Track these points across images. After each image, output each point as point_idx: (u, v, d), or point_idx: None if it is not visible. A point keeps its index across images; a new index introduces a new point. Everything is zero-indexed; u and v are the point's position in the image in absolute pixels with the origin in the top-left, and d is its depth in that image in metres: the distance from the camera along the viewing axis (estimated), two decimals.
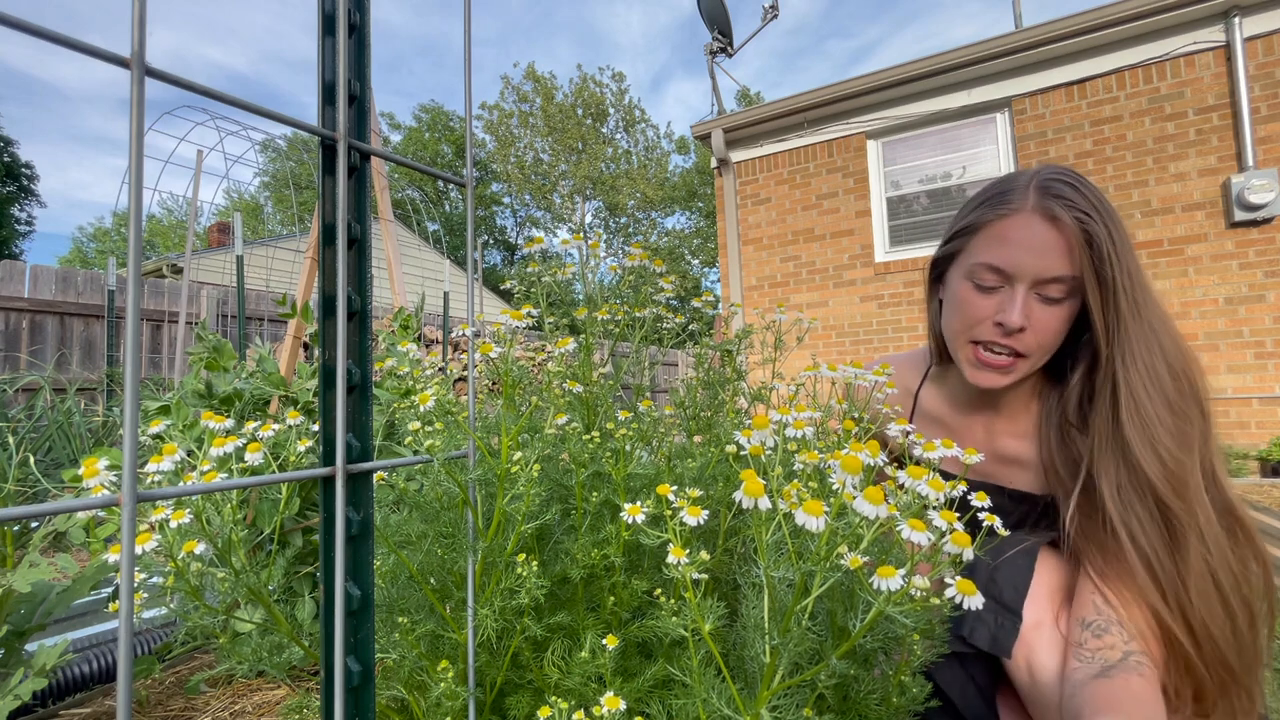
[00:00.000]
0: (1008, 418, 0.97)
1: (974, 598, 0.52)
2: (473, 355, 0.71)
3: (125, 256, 1.66)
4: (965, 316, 0.89)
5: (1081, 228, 0.79)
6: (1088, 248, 0.79)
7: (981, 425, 0.99)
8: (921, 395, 1.09)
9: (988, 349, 0.87)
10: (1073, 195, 0.81)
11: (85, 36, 0.33)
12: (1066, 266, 0.80)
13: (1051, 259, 0.81)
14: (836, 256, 5.34)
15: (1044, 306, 0.83)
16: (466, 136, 0.70)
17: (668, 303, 1.03)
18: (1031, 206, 0.83)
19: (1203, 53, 4.09)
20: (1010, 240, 0.84)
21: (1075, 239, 0.80)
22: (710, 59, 6.31)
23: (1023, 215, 0.83)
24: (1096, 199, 0.81)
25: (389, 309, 3.25)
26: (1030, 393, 0.95)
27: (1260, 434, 3.88)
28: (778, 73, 51.49)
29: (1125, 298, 0.78)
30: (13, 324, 4.88)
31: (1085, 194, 0.81)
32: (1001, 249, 0.84)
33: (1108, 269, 0.78)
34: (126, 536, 0.34)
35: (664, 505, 0.61)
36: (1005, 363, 0.86)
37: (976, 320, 0.87)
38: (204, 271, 10.02)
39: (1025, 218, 0.83)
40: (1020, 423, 0.95)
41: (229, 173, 5.07)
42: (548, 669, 0.76)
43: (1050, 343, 0.85)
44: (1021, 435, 0.95)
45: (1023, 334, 0.84)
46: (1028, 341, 0.84)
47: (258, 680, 1.39)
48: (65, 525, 1.45)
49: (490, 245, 30.86)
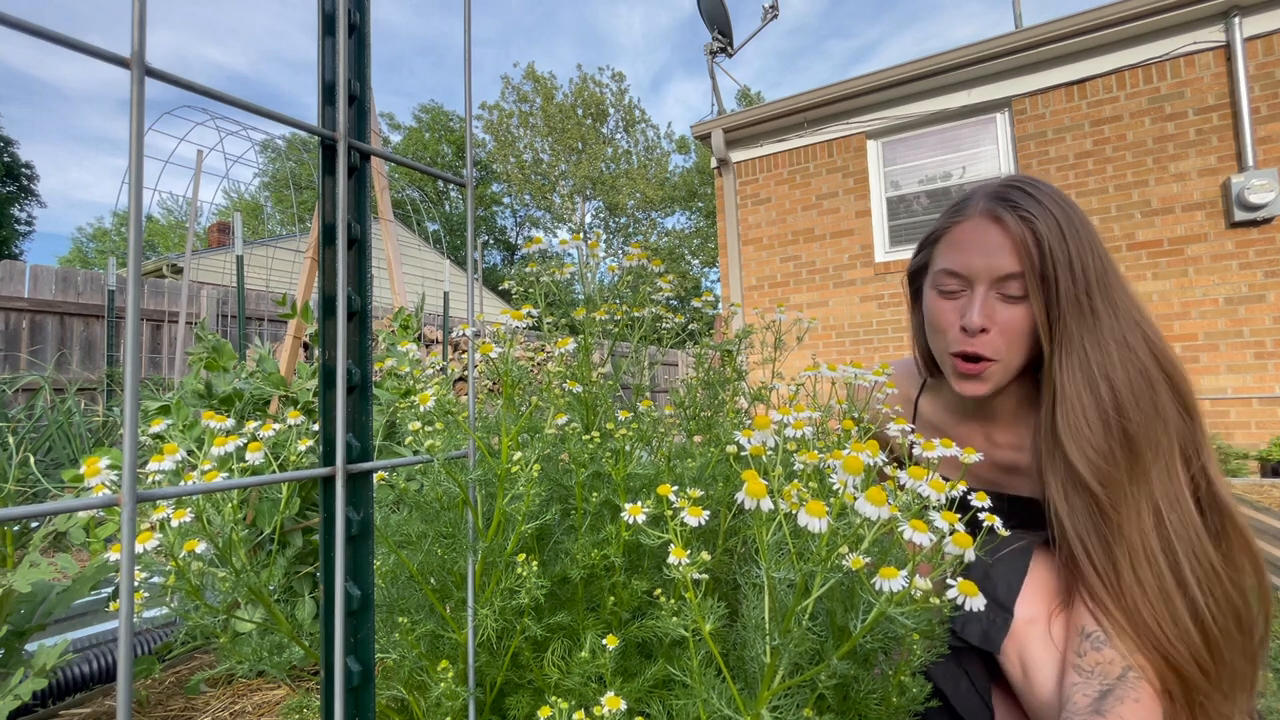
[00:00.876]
0: (1005, 427, 0.97)
1: (976, 599, 0.52)
2: (473, 355, 0.71)
3: (125, 256, 1.66)
4: (936, 326, 0.92)
5: (1025, 226, 0.82)
6: (1033, 246, 0.82)
7: (981, 434, 0.99)
8: (921, 405, 1.09)
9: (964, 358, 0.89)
10: (1019, 198, 0.85)
11: (85, 36, 0.33)
12: (1015, 263, 0.83)
13: (1000, 258, 0.84)
14: (836, 256, 5.34)
15: (1006, 306, 0.85)
16: (466, 136, 0.70)
17: (667, 302, 1.03)
18: (980, 211, 0.88)
19: (1203, 53, 4.09)
20: (962, 244, 0.88)
21: (1019, 237, 0.82)
22: (710, 59, 6.31)
23: (972, 220, 0.88)
24: (1052, 202, 0.84)
25: (389, 309, 3.25)
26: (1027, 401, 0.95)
27: (1260, 434, 3.88)
28: (778, 73, 51.54)
29: (1068, 297, 0.80)
30: (13, 324, 4.87)
31: (1036, 197, 0.84)
32: (956, 253, 0.89)
33: (1050, 267, 0.80)
34: (126, 536, 0.34)
35: (665, 505, 0.61)
36: (979, 369, 0.87)
37: (946, 328, 0.90)
38: (204, 271, 10.02)
39: (974, 221, 0.88)
40: (1018, 431, 0.96)
41: (229, 173, 5.07)
42: (548, 669, 0.76)
43: (1018, 343, 0.85)
44: (1019, 444, 0.95)
45: (987, 335, 0.85)
46: (994, 343, 0.85)
47: (258, 680, 1.39)
48: (65, 525, 1.45)
49: (490, 245, 30.87)
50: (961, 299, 0.89)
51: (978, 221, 0.87)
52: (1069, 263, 0.80)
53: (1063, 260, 0.80)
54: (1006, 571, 0.84)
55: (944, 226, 0.93)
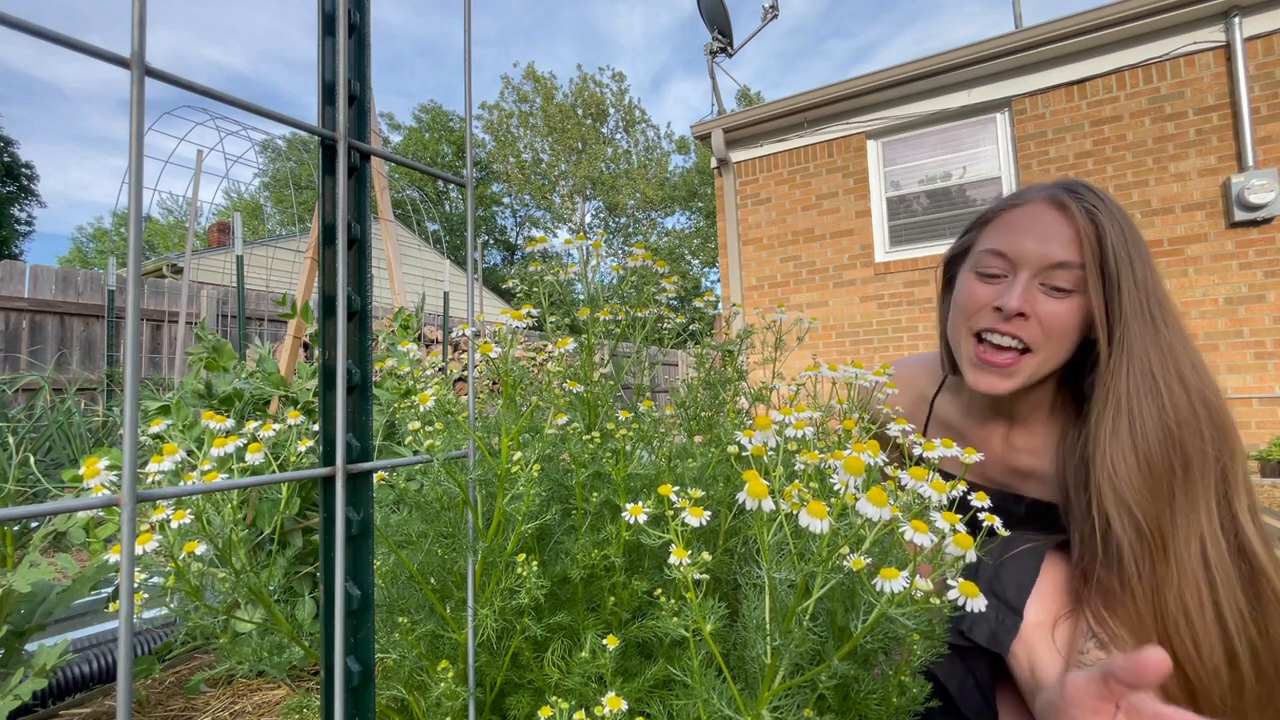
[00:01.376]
0: (1025, 430, 0.92)
1: (976, 600, 0.52)
2: (473, 355, 0.71)
3: (125, 256, 1.66)
4: (965, 306, 0.87)
5: (1090, 218, 0.78)
6: (1095, 240, 0.77)
7: (999, 437, 0.95)
8: (937, 404, 1.05)
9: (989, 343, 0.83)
10: (1085, 191, 0.81)
11: (86, 36, 0.33)
12: (1072, 253, 0.78)
13: (1055, 245, 0.79)
14: (836, 256, 5.34)
15: (1050, 299, 0.79)
16: (466, 136, 0.70)
17: (669, 303, 1.03)
18: (1042, 197, 0.83)
19: (1203, 53, 4.09)
20: (1016, 226, 0.83)
21: (1082, 228, 0.78)
22: (710, 59, 6.31)
23: (1032, 204, 0.84)
24: (1116, 207, 0.80)
25: (389, 309, 3.25)
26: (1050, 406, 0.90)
27: (1260, 434, 3.88)
28: (778, 73, 51.55)
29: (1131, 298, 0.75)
30: (13, 324, 4.87)
31: (1101, 195, 0.81)
32: (1007, 234, 0.84)
33: (1112, 263, 0.76)
34: (126, 537, 0.34)
35: (665, 506, 0.61)
36: (1007, 361, 0.81)
37: (975, 307, 0.85)
38: (204, 271, 10.01)
39: (1034, 206, 0.83)
40: (1039, 436, 0.91)
41: (229, 173, 5.07)
42: (548, 669, 0.76)
43: (1059, 338, 0.79)
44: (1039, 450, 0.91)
45: (1025, 321, 0.80)
46: (1032, 332, 0.79)
47: (258, 680, 1.39)
48: (65, 525, 1.45)
49: (490, 245, 30.86)
50: (1001, 284, 0.83)
51: (1037, 206, 0.82)
52: (1132, 264, 0.76)
53: (1125, 259, 0.76)
54: (1018, 572, 0.81)
55: (996, 209, 0.88)
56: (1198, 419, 0.73)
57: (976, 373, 0.85)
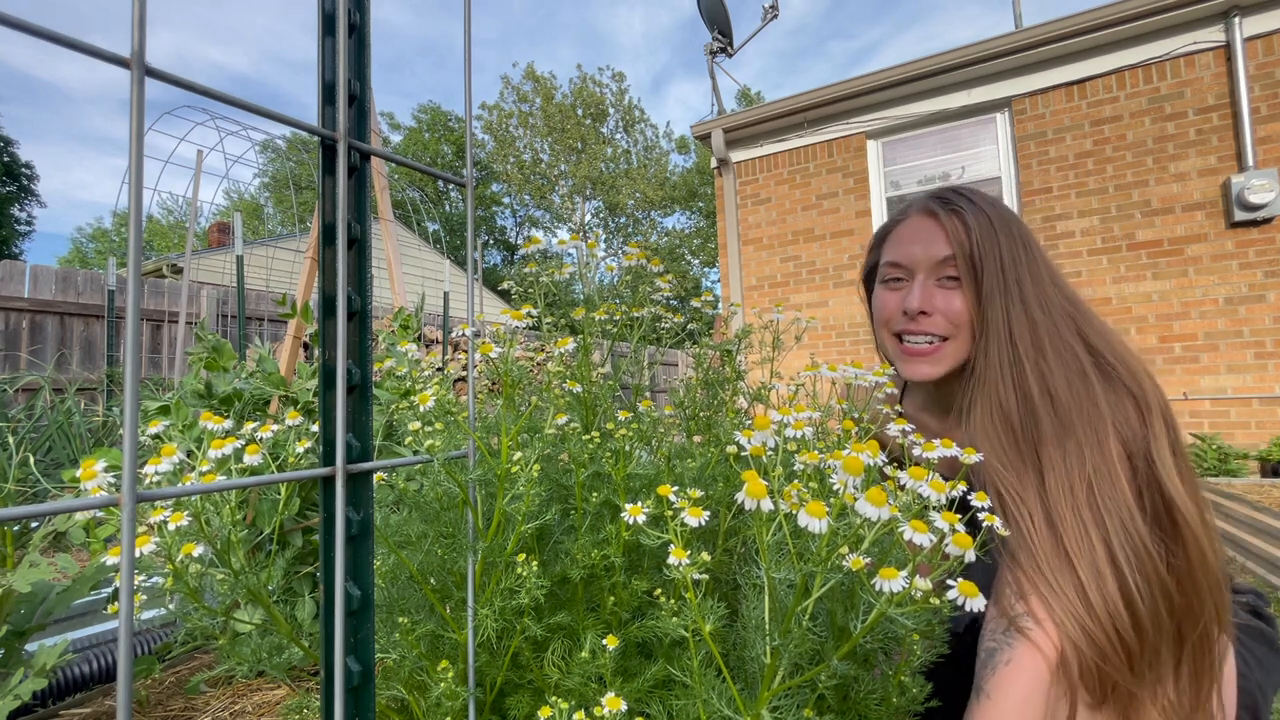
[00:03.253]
0: None
1: (976, 599, 0.52)
2: (472, 355, 0.71)
3: (125, 256, 1.66)
4: (880, 314, 1.00)
5: (956, 217, 0.91)
6: (962, 233, 0.90)
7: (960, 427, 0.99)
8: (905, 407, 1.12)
9: (906, 339, 0.95)
10: (952, 196, 0.95)
11: (88, 37, 0.33)
12: (947, 247, 0.91)
13: (935, 245, 0.93)
14: (836, 256, 5.34)
15: (946, 291, 0.92)
16: (466, 137, 0.70)
17: (666, 302, 1.03)
18: (917, 209, 0.98)
19: (1203, 53, 4.09)
20: (903, 238, 0.98)
21: (950, 226, 0.92)
22: (710, 59, 6.31)
23: (912, 217, 0.99)
24: (984, 201, 0.93)
25: (389, 309, 3.25)
26: None
27: (1260, 434, 3.88)
28: (779, 74, 51.57)
29: (994, 280, 0.87)
30: (13, 324, 4.87)
31: (968, 197, 0.94)
32: (898, 246, 0.98)
33: (977, 252, 0.88)
34: (126, 537, 0.34)
35: (665, 506, 0.61)
36: (928, 350, 0.93)
37: (889, 314, 0.98)
38: (204, 271, 10.01)
39: (913, 218, 0.98)
40: None
41: (229, 173, 5.07)
42: (548, 669, 0.76)
43: (965, 325, 0.91)
44: None
45: (929, 317, 0.92)
46: (939, 324, 0.92)
47: (258, 680, 1.39)
48: (65, 525, 1.45)
49: (490, 245, 30.86)
50: (903, 289, 0.97)
51: (915, 218, 0.98)
52: (997, 251, 0.88)
53: (990, 248, 0.88)
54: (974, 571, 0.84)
55: (886, 228, 1.03)
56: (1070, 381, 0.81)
57: (907, 364, 0.96)
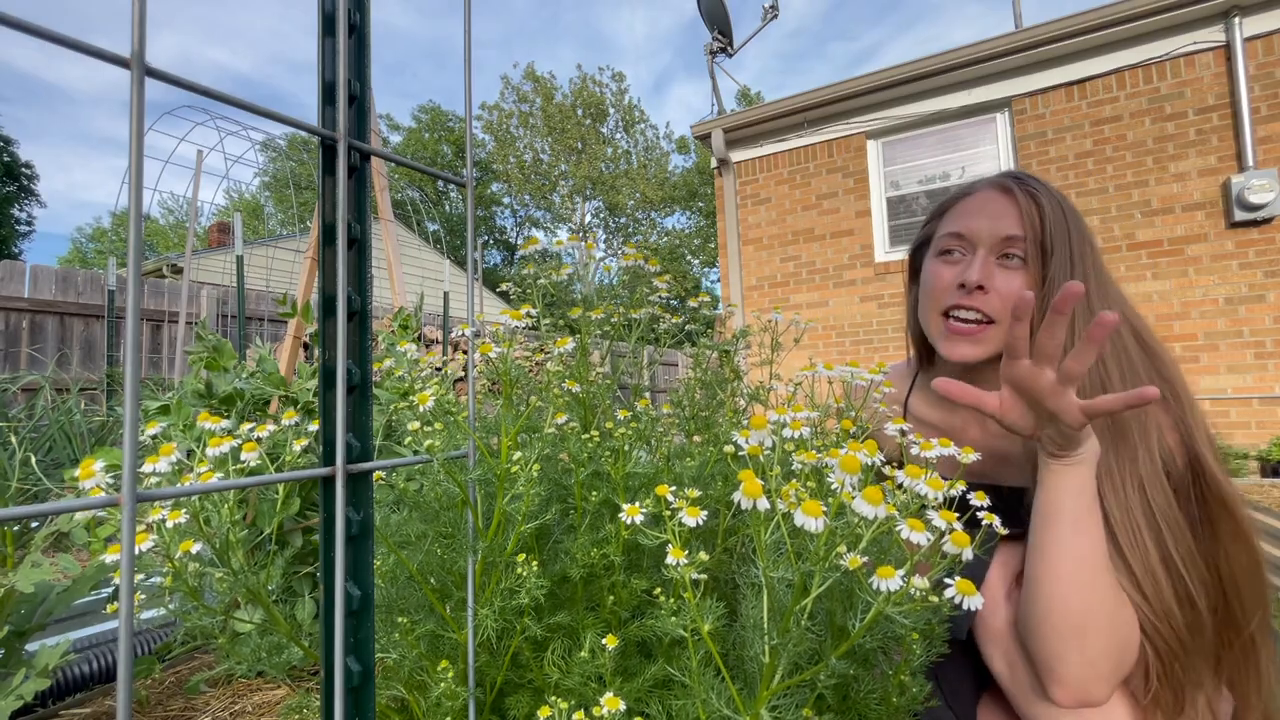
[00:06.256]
0: None
1: (974, 598, 0.52)
2: (472, 355, 0.71)
3: (125, 256, 1.67)
4: (932, 287, 0.95)
5: (1031, 199, 0.88)
6: (1036, 216, 0.87)
7: (976, 423, 0.98)
8: (911, 403, 1.09)
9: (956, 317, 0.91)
10: (1027, 177, 0.91)
11: (90, 38, 0.33)
12: (1018, 227, 0.87)
13: (1004, 221, 0.89)
14: (836, 256, 5.34)
15: (1006, 272, 0.88)
16: (467, 137, 0.70)
17: (665, 303, 1.03)
18: (990, 184, 0.94)
19: (1203, 53, 4.09)
20: (970, 210, 0.93)
21: (1024, 206, 0.88)
22: (710, 59, 6.31)
23: (982, 192, 0.94)
24: (1056, 191, 0.90)
25: (389, 309, 3.25)
26: None
27: (1260, 434, 3.88)
28: (779, 75, 51.56)
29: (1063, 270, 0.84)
30: (13, 324, 4.88)
31: (1042, 182, 0.91)
32: (962, 218, 0.94)
33: (1049, 238, 0.85)
34: (126, 537, 0.34)
35: (663, 506, 0.61)
36: (974, 329, 0.89)
37: (942, 287, 0.93)
38: (204, 271, 10.01)
39: (984, 193, 0.94)
40: None
41: (229, 173, 5.07)
42: (548, 669, 0.76)
43: None
44: None
45: (985, 294, 0.88)
46: (993, 304, 0.88)
47: (258, 680, 1.39)
48: (67, 525, 1.45)
49: (490, 245, 30.85)
50: (961, 264, 0.92)
51: (987, 192, 0.93)
52: (1068, 240, 0.85)
53: (1061, 236, 0.85)
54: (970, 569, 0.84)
55: (951, 200, 0.98)
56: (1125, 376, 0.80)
57: (949, 343, 0.92)
